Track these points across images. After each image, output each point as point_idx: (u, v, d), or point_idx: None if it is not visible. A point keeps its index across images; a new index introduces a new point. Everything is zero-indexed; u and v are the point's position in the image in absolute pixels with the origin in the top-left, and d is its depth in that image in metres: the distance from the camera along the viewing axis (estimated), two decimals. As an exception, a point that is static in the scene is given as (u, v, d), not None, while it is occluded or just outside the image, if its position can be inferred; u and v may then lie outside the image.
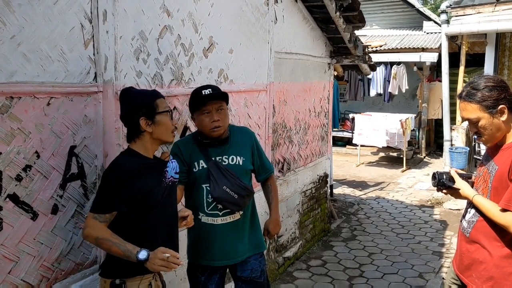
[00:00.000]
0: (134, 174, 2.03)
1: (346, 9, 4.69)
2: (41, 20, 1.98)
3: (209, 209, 2.50)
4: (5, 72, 1.85)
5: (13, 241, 1.94)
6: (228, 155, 2.52)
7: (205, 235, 2.53)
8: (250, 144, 2.63)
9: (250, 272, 2.56)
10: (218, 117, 2.44)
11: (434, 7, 17.80)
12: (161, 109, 2.11)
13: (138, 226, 2.07)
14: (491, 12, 7.93)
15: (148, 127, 2.08)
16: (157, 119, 2.09)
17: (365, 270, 4.77)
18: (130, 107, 2.10)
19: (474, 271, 2.21)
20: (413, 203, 7.37)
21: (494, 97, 2.09)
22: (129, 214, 2.04)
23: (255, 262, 2.60)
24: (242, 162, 2.54)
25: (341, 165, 10.10)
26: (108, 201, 2.00)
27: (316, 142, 5.39)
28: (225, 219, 2.51)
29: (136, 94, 2.15)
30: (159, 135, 2.13)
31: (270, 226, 2.71)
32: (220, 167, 2.47)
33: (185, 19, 2.92)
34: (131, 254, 1.93)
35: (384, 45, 10.79)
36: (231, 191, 2.43)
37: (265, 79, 4.00)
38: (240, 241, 2.56)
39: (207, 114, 2.44)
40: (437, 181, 2.33)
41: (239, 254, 2.56)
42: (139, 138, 2.11)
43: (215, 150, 2.51)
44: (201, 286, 2.56)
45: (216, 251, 2.52)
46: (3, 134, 1.86)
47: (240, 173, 2.52)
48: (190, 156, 2.51)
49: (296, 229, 4.93)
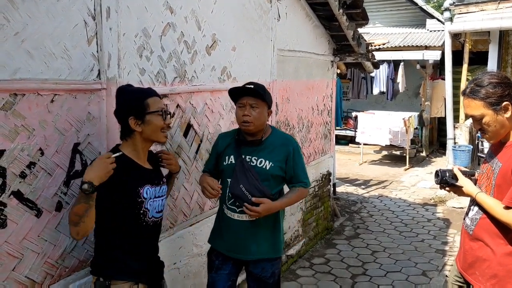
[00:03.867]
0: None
1: (349, 6, 4.68)
2: (45, 16, 1.98)
3: (229, 203, 2.59)
4: (9, 69, 1.85)
5: (17, 238, 1.94)
6: (258, 157, 2.57)
7: (224, 225, 2.64)
8: (286, 152, 2.59)
9: (260, 271, 2.62)
10: (250, 113, 2.50)
11: (437, 5, 17.73)
12: (152, 109, 2.07)
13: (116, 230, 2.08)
14: (495, 9, 7.91)
15: (137, 127, 2.06)
16: (146, 119, 2.06)
17: (368, 268, 4.76)
18: (121, 105, 2.11)
19: (477, 268, 2.20)
20: (416, 201, 7.36)
21: (498, 93, 2.08)
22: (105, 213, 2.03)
23: (268, 263, 2.63)
24: (270, 167, 2.55)
25: (344, 163, 10.09)
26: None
27: (319, 140, 5.38)
28: (240, 217, 2.56)
29: (129, 92, 2.12)
30: (149, 135, 2.11)
31: (265, 205, 2.47)
32: (245, 166, 2.53)
33: (188, 16, 2.91)
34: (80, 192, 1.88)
35: (387, 43, 10.76)
36: (246, 190, 2.47)
37: (268, 77, 4.00)
38: (253, 241, 2.58)
39: (241, 107, 2.53)
40: (440, 179, 2.32)
41: (251, 253, 2.59)
42: (130, 137, 2.10)
43: (248, 149, 2.58)
44: (215, 268, 2.67)
45: (229, 243, 2.61)
46: (7, 131, 1.86)
47: (265, 177, 2.54)
48: (225, 149, 2.63)
49: (299, 227, 4.93)
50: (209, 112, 3.23)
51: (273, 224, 2.64)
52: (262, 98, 2.52)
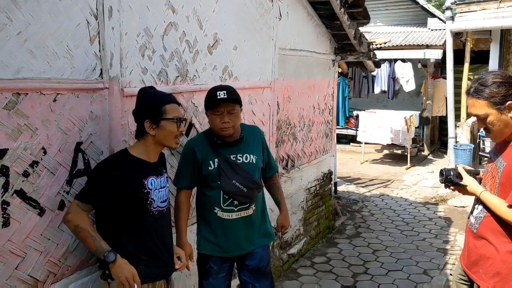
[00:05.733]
0: (119, 166, 2.09)
1: (350, 5, 4.68)
2: (47, 16, 1.98)
3: (225, 205, 2.58)
4: (12, 68, 1.85)
5: (20, 237, 1.95)
6: (242, 153, 2.61)
7: (220, 228, 2.61)
8: (261, 142, 2.74)
9: (259, 262, 2.70)
10: (229, 119, 2.50)
11: (439, 4, 17.70)
12: (168, 116, 2.14)
13: (125, 225, 2.12)
14: (496, 8, 7.90)
15: (151, 130, 2.13)
16: (161, 124, 2.13)
17: (370, 267, 4.76)
18: (140, 107, 2.17)
19: (481, 266, 2.21)
20: (418, 200, 7.35)
21: (502, 93, 2.09)
22: (112, 212, 2.10)
23: (263, 252, 2.74)
24: (255, 160, 2.65)
25: (345, 162, 10.08)
26: (91, 192, 2.06)
27: (320, 139, 5.38)
28: (239, 214, 2.60)
29: (149, 95, 2.19)
30: (161, 140, 2.17)
31: (284, 222, 2.90)
32: (230, 162, 2.55)
33: (189, 16, 2.92)
34: (101, 251, 2.00)
35: (389, 42, 10.74)
36: (240, 184, 2.52)
37: (270, 76, 4.00)
38: (252, 233, 2.68)
39: (218, 114, 2.50)
40: (445, 178, 2.34)
41: (251, 245, 2.68)
42: (143, 138, 2.17)
43: (229, 150, 2.59)
44: (214, 274, 2.66)
45: (231, 243, 2.63)
46: (10, 130, 1.86)
47: (253, 170, 2.62)
48: (205, 155, 2.57)
49: (301, 226, 4.93)
50: (211, 111, 3.24)
51: (262, 211, 2.78)
52: (238, 102, 2.54)
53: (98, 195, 2.06)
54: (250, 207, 2.62)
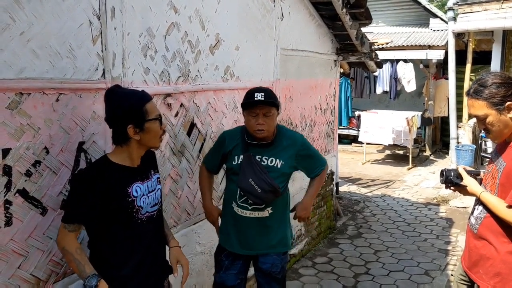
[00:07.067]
0: (101, 176, 1.93)
1: (352, 6, 4.68)
2: (50, 16, 1.99)
3: (241, 201, 2.61)
4: (15, 68, 1.86)
5: (23, 236, 1.96)
6: (268, 156, 2.61)
7: (234, 223, 2.66)
8: (295, 150, 2.66)
9: (270, 266, 2.67)
10: (264, 121, 2.51)
11: (441, 4, 17.68)
12: (151, 116, 1.97)
13: (111, 237, 2.01)
14: (498, 9, 7.89)
15: (136, 135, 1.96)
16: (146, 127, 1.96)
17: (371, 267, 4.77)
18: (117, 112, 1.95)
19: (481, 267, 2.21)
20: (419, 201, 7.35)
21: (501, 94, 2.10)
22: (98, 225, 1.97)
23: (277, 258, 2.69)
24: (281, 165, 2.61)
25: (346, 163, 10.08)
26: (73, 210, 1.92)
27: (322, 139, 5.38)
28: (253, 214, 2.61)
29: (123, 97, 1.96)
30: (147, 142, 2.02)
31: (298, 208, 2.78)
32: (252, 160, 2.56)
33: (192, 16, 2.92)
34: (84, 275, 1.86)
35: (390, 43, 10.74)
36: (255, 184, 2.51)
37: (271, 76, 4.00)
38: (265, 237, 2.65)
39: (254, 116, 2.52)
40: (445, 178, 2.34)
41: (262, 247, 2.66)
42: (126, 144, 1.99)
43: (257, 149, 2.61)
44: (224, 269, 2.69)
45: (241, 240, 2.64)
46: (12, 129, 1.87)
47: (276, 174, 2.60)
48: (233, 149, 2.65)
49: (302, 226, 4.94)
50: (213, 111, 3.25)
51: (282, 217, 2.71)
52: (275, 105, 2.56)
53: (83, 213, 1.91)
54: (265, 209, 2.61)
